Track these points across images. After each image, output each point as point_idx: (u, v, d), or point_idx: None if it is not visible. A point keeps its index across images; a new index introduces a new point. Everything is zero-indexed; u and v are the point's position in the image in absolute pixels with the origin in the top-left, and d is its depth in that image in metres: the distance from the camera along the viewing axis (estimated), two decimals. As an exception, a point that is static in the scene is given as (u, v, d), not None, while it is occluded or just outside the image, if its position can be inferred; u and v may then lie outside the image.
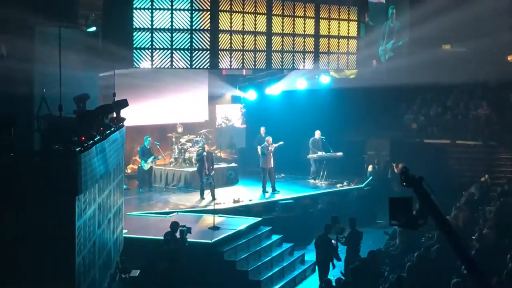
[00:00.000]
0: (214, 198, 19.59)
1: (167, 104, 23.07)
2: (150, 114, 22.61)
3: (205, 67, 20.13)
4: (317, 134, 23.82)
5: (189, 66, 19.73)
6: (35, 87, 12.76)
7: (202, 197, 20.60)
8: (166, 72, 22.32)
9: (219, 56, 20.12)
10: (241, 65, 20.96)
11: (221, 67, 20.70)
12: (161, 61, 19.42)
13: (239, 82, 25.36)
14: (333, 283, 13.67)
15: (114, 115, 14.25)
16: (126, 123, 15.23)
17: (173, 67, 19.63)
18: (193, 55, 19.65)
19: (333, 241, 16.10)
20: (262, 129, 23.71)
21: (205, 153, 20.88)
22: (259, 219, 18.88)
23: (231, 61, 20.53)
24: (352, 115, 25.01)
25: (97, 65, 17.33)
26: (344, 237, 16.11)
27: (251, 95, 24.78)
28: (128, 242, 15.84)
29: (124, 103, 14.36)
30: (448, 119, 25.59)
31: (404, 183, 8.29)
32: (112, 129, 13.57)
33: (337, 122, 24.48)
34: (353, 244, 15.99)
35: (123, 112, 14.60)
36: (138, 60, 19.24)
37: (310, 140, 23.83)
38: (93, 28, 17.23)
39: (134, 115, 18.27)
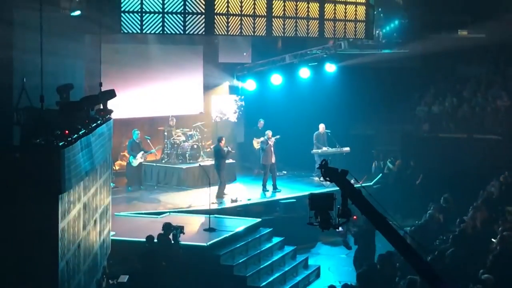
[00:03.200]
0: (221, 196, 20.34)
1: (158, 95, 23.06)
2: (140, 105, 22.61)
3: (199, 32, 20.10)
4: (322, 127, 23.80)
5: (182, 32, 19.74)
6: (14, 76, 12.72)
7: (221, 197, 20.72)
8: (157, 59, 22.35)
9: (215, 21, 20.14)
10: (239, 31, 20.93)
11: (217, 33, 20.71)
12: (152, 26, 19.39)
13: (237, 71, 25.35)
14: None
15: (101, 106, 14.24)
16: (113, 116, 15.22)
17: (165, 32, 19.63)
18: (187, 19, 19.63)
19: (341, 228, 16.11)
20: (261, 122, 23.61)
21: (227, 148, 20.91)
22: (259, 220, 18.90)
23: (228, 27, 20.53)
24: (360, 106, 24.99)
25: (82, 32, 17.29)
26: (359, 227, 16.01)
27: (250, 85, 24.77)
28: (116, 245, 15.84)
29: (111, 94, 14.34)
30: (465, 111, 25.56)
31: (326, 178, 8.33)
32: (99, 121, 13.57)
33: (344, 114, 24.48)
34: (364, 242, 16.00)
35: (110, 104, 14.59)
36: (126, 26, 19.20)
37: (314, 134, 23.81)
38: (78, 12, 17.21)
39: (122, 106, 18.26)
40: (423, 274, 8.21)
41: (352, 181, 8.80)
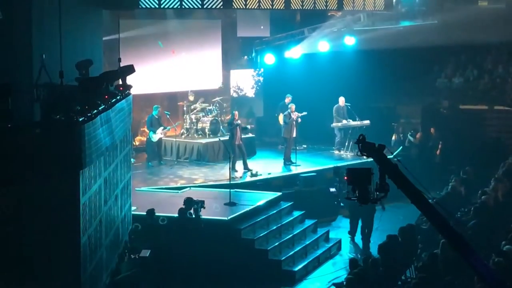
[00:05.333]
0: (248, 169, 20.33)
1: (177, 70, 23.04)
2: (159, 81, 22.60)
3: (217, 6, 20.01)
4: (342, 100, 23.66)
5: (200, 6, 19.69)
6: (33, 52, 12.71)
7: (234, 170, 20.40)
8: (175, 33, 22.33)
9: None
10: (257, 4, 20.85)
11: (235, 7, 20.61)
12: (169, 0, 19.29)
13: (256, 45, 25.22)
14: (360, 262, 13.68)
15: (120, 82, 14.23)
16: (133, 91, 15.23)
17: (183, 6, 19.56)
18: None
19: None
20: (288, 98, 23.27)
21: (239, 122, 20.92)
22: (279, 193, 18.88)
23: (246, 0, 20.42)
24: (380, 79, 24.78)
25: (100, 8, 17.27)
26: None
27: (269, 59, 24.63)
28: (138, 220, 15.91)
29: (130, 69, 14.32)
30: (486, 82, 25.33)
31: (364, 153, 8.29)
32: (118, 97, 13.57)
33: (364, 87, 24.29)
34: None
35: (130, 79, 14.58)
36: (144, 0, 19.14)
37: (334, 107, 23.68)
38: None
39: (141, 82, 18.25)
40: (456, 245, 8.11)
41: None
